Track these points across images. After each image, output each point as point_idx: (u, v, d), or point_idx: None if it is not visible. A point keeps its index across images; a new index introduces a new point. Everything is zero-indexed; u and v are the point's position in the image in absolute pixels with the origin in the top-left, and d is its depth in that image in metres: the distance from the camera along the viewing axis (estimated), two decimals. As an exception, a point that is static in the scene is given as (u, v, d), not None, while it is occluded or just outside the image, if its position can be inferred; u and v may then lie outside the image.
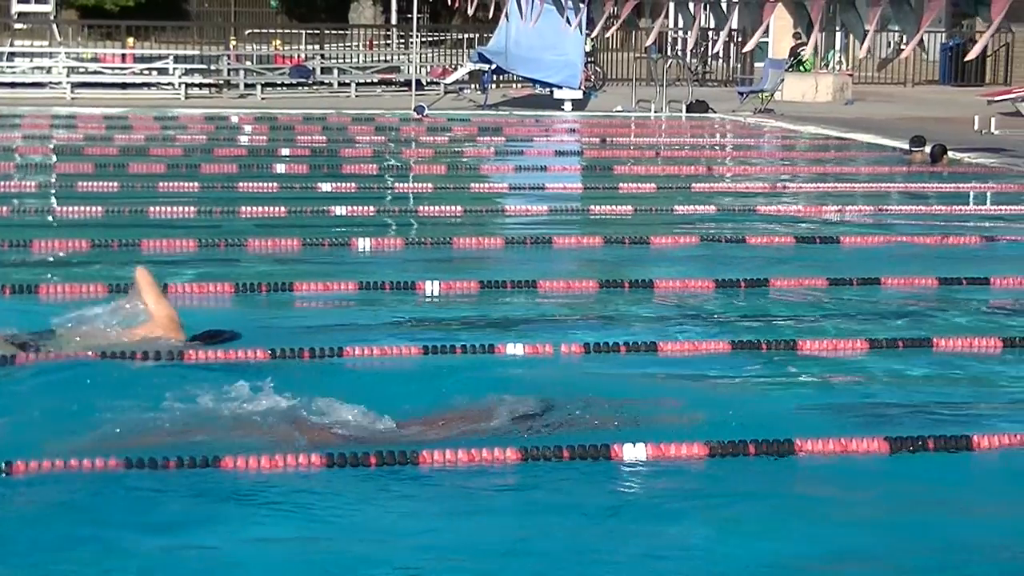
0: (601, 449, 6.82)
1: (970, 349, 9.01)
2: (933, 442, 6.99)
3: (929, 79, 41.23)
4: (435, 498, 6.50)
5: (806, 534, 6.21)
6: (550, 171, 19.45)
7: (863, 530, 6.26)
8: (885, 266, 11.89)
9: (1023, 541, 6.16)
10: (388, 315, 10.02)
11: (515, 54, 30.32)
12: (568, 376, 8.19)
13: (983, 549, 6.07)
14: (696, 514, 6.41)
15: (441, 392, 7.85)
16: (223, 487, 6.42)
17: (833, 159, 21.72)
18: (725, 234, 13.90)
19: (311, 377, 8.16)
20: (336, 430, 7.17)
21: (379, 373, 8.40)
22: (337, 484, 6.52)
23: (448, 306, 10.49)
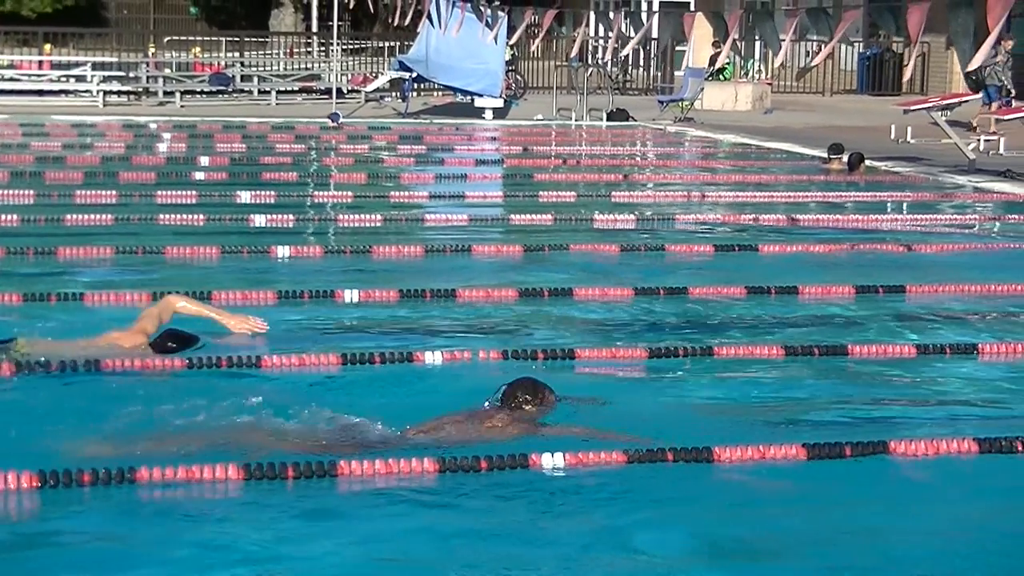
0: (519, 458, 6.81)
1: (886, 356, 9.09)
2: (850, 448, 7.04)
3: (847, 88, 41.59)
4: (353, 510, 6.48)
5: (725, 538, 6.25)
6: (470, 180, 19.44)
7: (781, 534, 6.31)
8: (803, 274, 11.97)
9: (939, 544, 6.22)
10: (307, 323, 9.97)
11: (436, 62, 30.27)
12: (487, 384, 8.17)
13: (900, 552, 6.13)
14: (616, 521, 6.43)
15: (360, 401, 7.82)
16: (144, 499, 6.39)
17: (752, 168, 21.84)
18: (645, 242, 13.95)
19: (228, 386, 8.11)
20: (262, 438, 7.14)
21: (298, 382, 8.37)
22: (254, 496, 6.49)
23: (367, 314, 10.46)
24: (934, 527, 6.42)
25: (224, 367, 8.44)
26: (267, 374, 8.46)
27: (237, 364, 8.47)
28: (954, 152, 21.65)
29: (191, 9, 60.79)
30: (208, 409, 7.44)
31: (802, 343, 9.39)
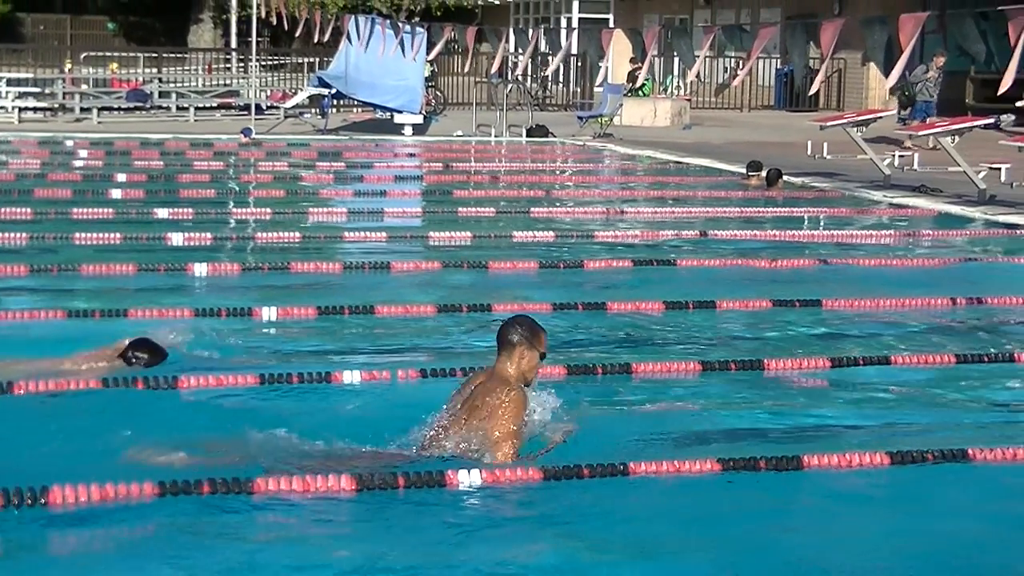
0: (436, 476, 6.81)
1: (801, 369, 9.16)
2: (765, 462, 7.08)
3: (764, 104, 41.90)
4: (268, 527, 6.45)
5: (639, 554, 6.27)
6: (390, 196, 19.42)
7: (697, 548, 6.34)
8: (721, 289, 12.04)
9: (852, 557, 6.27)
10: (224, 342, 9.91)
11: (355, 79, 30.22)
12: (405, 402, 8.16)
13: (814, 565, 6.17)
14: (532, 537, 6.45)
15: (278, 420, 7.79)
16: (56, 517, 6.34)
17: (671, 183, 21.95)
18: (563, 258, 13.98)
19: (147, 405, 8.07)
20: (174, 456, 7.10)
21: (215, 402, 8.31)
22: (170, 510, 6.45)
23: (285, 332, 10.41)
24: (847, 539, 6.47)
25: (140, 387, 8.37)
26: (185, 393, 8.40)
27: (153, 386, 8.40)
28: (870, 167, 21.88)
29: (108, 25, 60.43)
30: (121, 428, 7.40)
31: (719, 358, 9.45)
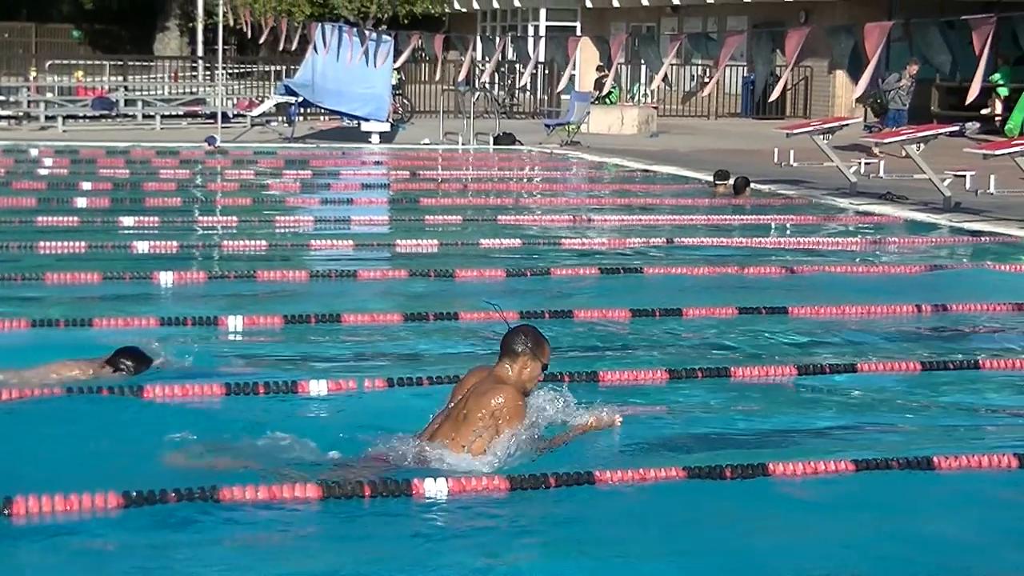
0: (402, 485, 6.79)
1: (767, 377, 9.17)
2: (731, 470, 7.09)
3: (731, 112, 42.00)
4: (235, 534, 6.43)
5: (606, 562, 6.26)
6: (356, 204, 19.40)
7: (663, 556, 6.34)
8: (688, 297, 12.05)
9: (818, 565, 6.28)
10: (191, 351, 9.86)
11: (322, 87, 30.17)
12: (371, 411, 8.15)
13: (779, 573, 6.18)
14: (497, 546, 6.43)
15: (245, 428, 7.77)
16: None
17: (638, 191, 21.98)
18: (530, 266, 13.97)
19: (110, 414, 8.03)
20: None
21: (181, 411, 8.28)
22: (137, 521, 6.42)
23: (252, 341, 10.37)
24: (813, 547, 6.48)
25: (105, 395, 8.34)
26: (151, 403, 8.36)
27: (119, 392, 8.37)
28: (836, 175, 21.94)
29: (74, 33, 60.16)
30: (89, 436, 7.37)
31: (686, 366, 9.45)
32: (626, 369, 9.37)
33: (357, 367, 9.50)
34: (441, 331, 10.89)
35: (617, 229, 17.39)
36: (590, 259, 14.68)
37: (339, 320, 10.86)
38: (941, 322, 11.66)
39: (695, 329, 11.16)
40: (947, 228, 17.68)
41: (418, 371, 9.18)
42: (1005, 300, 12.30)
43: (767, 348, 10.58)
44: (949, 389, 9.49)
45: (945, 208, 19.10)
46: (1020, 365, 10.01)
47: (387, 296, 12.40)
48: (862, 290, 13.05)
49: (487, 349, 10.28)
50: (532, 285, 13.10)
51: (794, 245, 16.43)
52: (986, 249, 16.15)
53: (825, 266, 14.48)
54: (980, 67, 17.22)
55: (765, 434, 7.88)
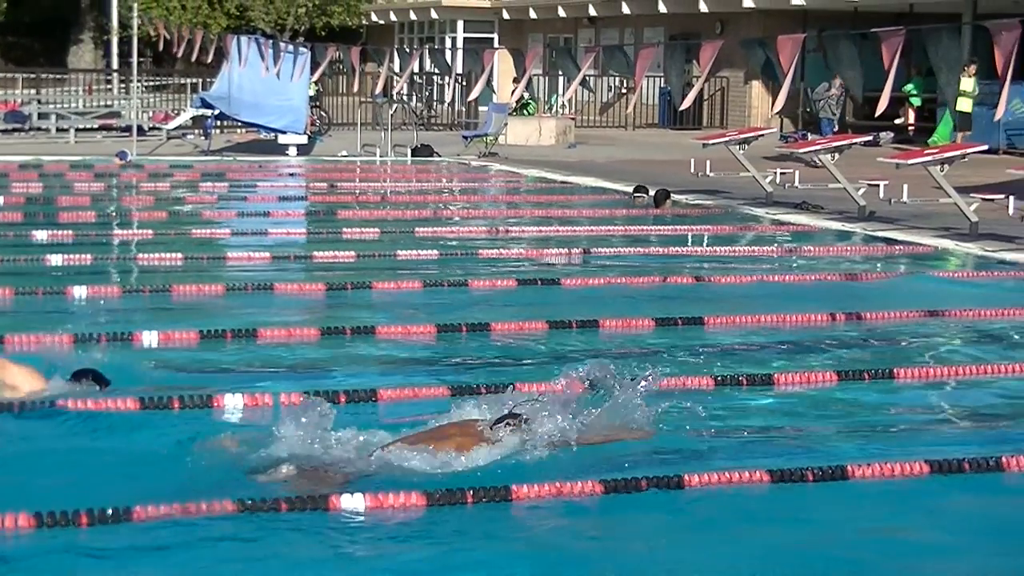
0: (319, 500, 6.75)
1: (683, 387, 9.19)
2: (647, 482, 7.09)
3: (649, 122, 42.22)
4: (151, 551, 6.37)
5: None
6: (273, 217, 19.30)
7: (581, 570, 6.33)
8: (605, 308, 12.07)
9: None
10: (104, 367, 9.75)
11: (238, 99, 30.03)
12: (288, 426, 8.07)
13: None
14: (415, 562, 6.40)
15: (161, 445, 7.71)
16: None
17: (556, 202, 22.02)
18: (448, 278, 13.94)
19: (22, 431, 7.94)
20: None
21: (94, 427, 8.19)
22: (42, 538, 6.34)
23: (167, 356, 10.28)
24: (729, 558, 6.50)
25: (15, 411, 8.24)
26: (63, 417, 8.27)
27: (28, 408, 8.28)
28: (752, 185, 22.09)
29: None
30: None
31: (602, 377, 9.45)
32: (543, 381, 9.36)
33: (273, 381, 9.42)
34: (358, 344, 10.83)
35: (535, 240, 17.40)
36: (508, 271, 14.67)
37: (255, 334, 10.78)
38: (855, 331, 11.75)
39: (612, 340, 11.17)
40: (861, 237, 17.84)
41: (335, 385, 9.11)
42: (919, 308, 12.42)
43: (683, 359, 10.61)
44: (864, 398, 9.55)
45: (860, 217, 19.28)
46: (933, 373, 10.08)
47: (304, 309, 12.33)
48: (778, 298, 13.12)
49: (404, 362, 10.28)
50: (449, 297, 13.08)
51: (711, 254, 16.51)
52: (900, 257, 16.31)
53: (742, 276, 14.55)
54: (889, 79, 17.43)
55: (681, 445, 7.89)
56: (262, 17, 50.16)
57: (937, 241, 17.09)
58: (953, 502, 7.32)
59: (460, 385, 9.14)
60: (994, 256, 16.05)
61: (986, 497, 7.42)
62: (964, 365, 10.48)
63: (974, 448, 8.13)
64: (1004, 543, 6.80)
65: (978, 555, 6.64)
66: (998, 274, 15.00)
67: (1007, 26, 16.03)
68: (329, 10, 50.97)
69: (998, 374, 10.18)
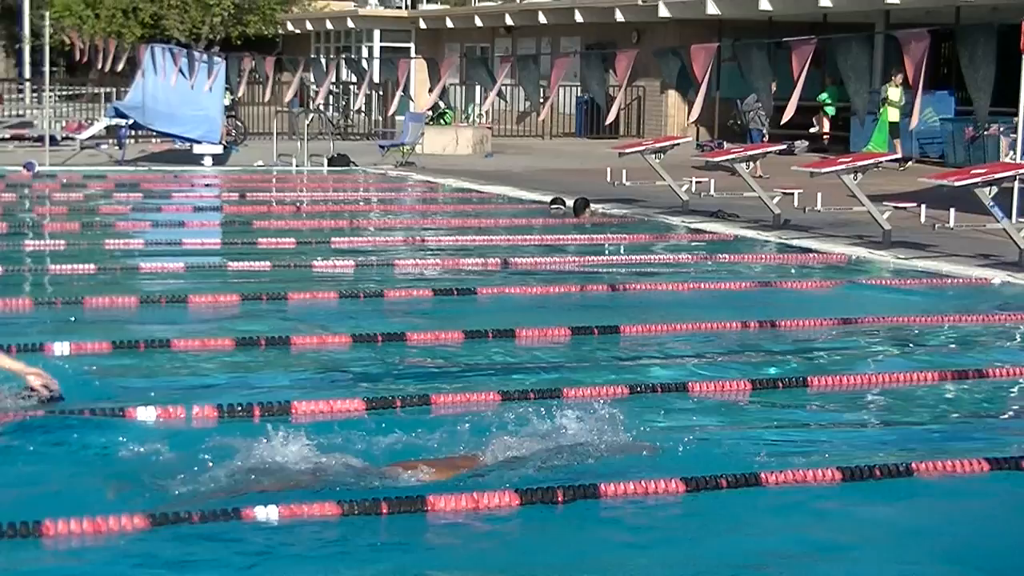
0: (232, 512, 6.70)
1: (599, 397, 9.20)
2: (563, 492, 7.09)
3: (566, 131, 42.32)
4: (58, 566, 6.31)
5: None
6: (188, 227, 19.15)
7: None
8: (521, 317, 12.07)
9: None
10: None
11: (152, 109, 29.80)
12: (201, 439, 8.02)
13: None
14: (330, 572, 6.37)
15: (73, 457, 7.63)
16: None
17: (473, 212, 22.02)
18: (364, 288, 13.90)
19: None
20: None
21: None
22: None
23: (78, 368, 10.16)
24: (644, 567, 6.52)
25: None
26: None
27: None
28: (668, 194, 22.19)
29: None
30: None
31: (518, 388, 9.46)
32: (459, 392, 9.36)
33: (186, 394, 9.34)
34: (273, 357, 10.78)
35: (451, 250, 17.39)
36: (424, 281, 14.65)
37: (169, 345, 10.70)
38: (769, 338, 11.82)
39: (527, 349, 11.18)
40: (776, 245, 17.96)
41: (248, 398, 9.05)
42: (832, 316, 12.52)
43: (599, 367, 10.64)
44: (777, 406, 9.61)
45: (775, 225, 19.42)
46: (846, 381, 10.16)
47: (219, 321, 12.24)
48: (693, 307, 13.20)
49: (318, 374, 10.23)
50: (365, 307, 13.05)
51: (627, 263, 16.58)
52: (813, 265, 16.43)
53: (658, 284, 14.63)
54: (798, 88, 17.59)
55: (597, 454, 7.88)
56: (177, 26, 49.91)
57: (851, 249, 17.24)
58: (864, 509, 7.36)
59: (375, 397, 9.11)
60: (907, 264, 16.22)
61: (897, 503, 7.48)
62: (877, 372, 10.58)
63: (886, 455, 8.20)
64: (915, 549, 6.86)
65: (889, 561, 6.69)
66: (911, 282, 15.14)
67: (916, 36, 16.20)
68: (245, 19, 50.81)
69: (910, 381, 10.27)
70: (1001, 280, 14.95)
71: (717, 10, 37.18)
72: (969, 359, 11.25)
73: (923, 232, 17.86)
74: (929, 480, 7.66)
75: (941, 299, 14.13)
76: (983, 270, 15.54)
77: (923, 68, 16.03)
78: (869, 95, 22.36)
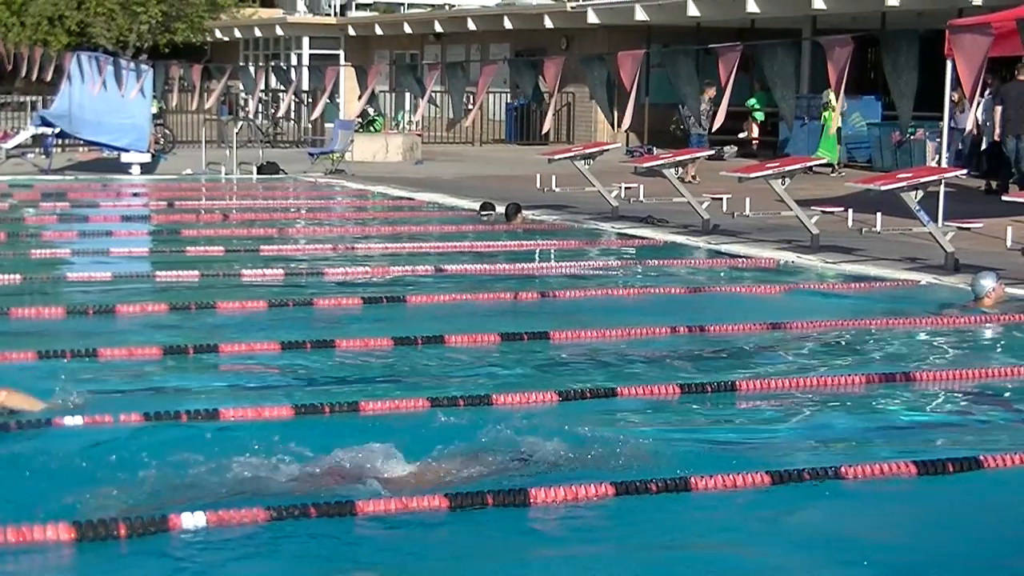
0: (159, 521, 6.66)
1: (528, 403, 9.21)
2: (492, 497, 7.09)
3: (496, 138, 42.35)
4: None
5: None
6: (116, 236, 19.01)
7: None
8: (451, 324, 12.06)
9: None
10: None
11: (79, 117, 29.56)
12: (128, 447, 7.98)
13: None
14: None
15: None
16: None
17: (403, 219, 21.99)
18: (293, 297, 13.84)
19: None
20: None
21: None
22: None
23: (3, 377, 10.06)
24: (575, 573, 6.53)
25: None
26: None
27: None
28: (598, 199, 22.23)
29: None
30: None
31: (447, 394, 9.45)
32: (388, 399, 9.34)
33: (113, 402, 9.27)
34: (202, 365, 10.72)
35: (382, 258, 17.36)
36: (353, 289, 14.61)
37: (96, 355, 10.62)
38: (698, 344, 11.87)
39: (458, 356, 11.17)
40: (705, 250, 18.04)
41: (176, 406, 8.99)
42: (760, 320, 12.59)
43: (529, 374, 10.64)
44: (706, 409, 9.65)
45: (704, 230, 19.50)
46: (775, 385, 10.21)
47: (147, 330, 12.15)
48: (623, 312, 13.23)
49: (246, 379, 10.19)
50: (295, 315, 13.00)
51: (556, 269, 16.60)
52: (742, 270, 16.51)
53: (588, 289, 14.65)
54: (726, 94, 17.69)
55: (527, 460, 7.89)
56: (104, 34, 49.57)
57: (779, 254, 17.34)
58: (793, 512, 7.40)
59: (303, 405, 9.08)
60: (834, 268, 16.33)
61: (826, 507, 7.52)
62: (805, 376, 10.63)
63: (814, 458, 8.25)
64: (843, 553, 6.89)
65: (818, 565, 6.72)
66: (838, 286, 15.24)
67: (840, 42, 16.32)
68: (172, 27, 50.52)
69: (838, 385, 10.33)
70: (927, 282, 15.10)
71: (646, 16, 37.32)
72: (896, 362, 11.34)
73: (851, 236, 18.00)
74: (857, 483, 7.71)
75: (869, 302, 14.24)
76: (910, 273, 15.67)
77: (846, 74, 16.16)
78: (797, 100, 22.54)
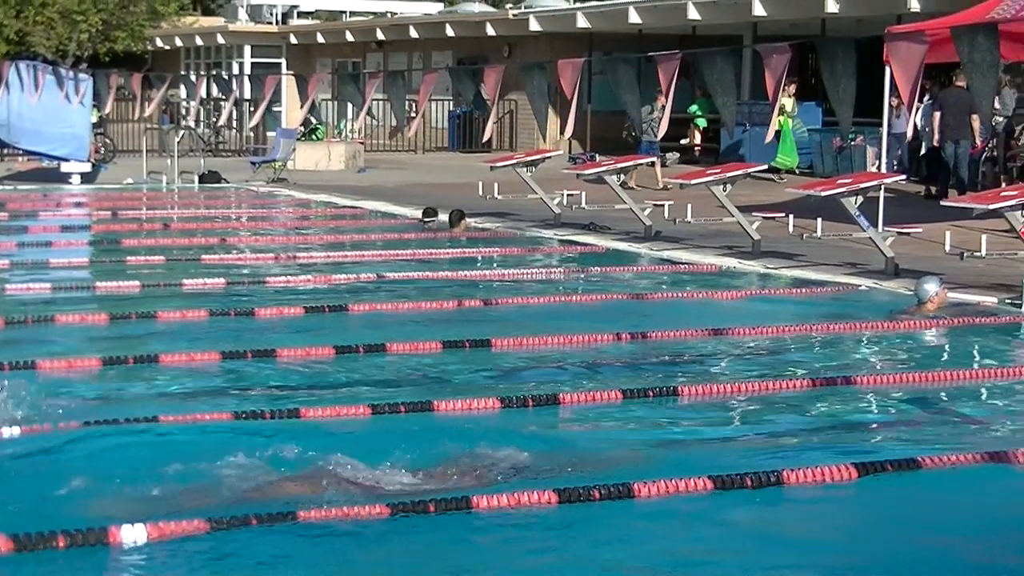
0: (98, 533, 6.60)
1: (470, 411, 9.21)
2: (434, 505, 7.08)
3: (439, 146, 42.34)
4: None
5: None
6: (56, 246, 18.88)
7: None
8: (392, 332, 12.05)
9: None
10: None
11: (18, 127, 29.34)
12: (66, 456, 7.92)
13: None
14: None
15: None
16: None
17: (346, 227, 21.96)
18: (235, 306, 13.78)
19: None
20: None
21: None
22: None
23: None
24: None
25: None
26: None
27: None
28: (541, 207, 22.26)
29: None
30: None
31: (389, 401, 9.43)
32: (329, 406, 9.31)
33: (53, 412, 9.20)
34: (141, 374, 10.66)
35: (323, 266, 17.31)
36: (295, 297, 14.58)
37: (34, 366, 10.55)
38: (641, 349, 11.89)
39: (399, 364, 11.16)
40: (647, 257, 18.08)
41: (115, 413, 8.94)
42: (702, 326, 12.62)
43: (470, 381, 10.64)
44: (648, 415, 9.67)
45: (646, 237, 19.56)
46: (717, 390, 10.24)
47: (87, 340, 12.07)
48: (565, 319, 13.25)
49: (186, 388, 10.14)
50: (236, 324, 12.94)
51: (499, 277, 16.61)
52: (684, 276, 16.56)
53: (530, 296, 14.66)
54: (668, 101, 17.78)
55: (469, 467, 7.89)
56: (43, 43, 49.23)
57: (721, 259, 17.41)
58: (736, 518, 7.42)
59: (244, 411, 9.04)
60: (775, 273, 16.41)
61: (768, 510, 7.54)
62: (746, 382, 10.65)
63: (757, 463, 8.27)
64: (784, 558, 6.91)
65: (758, 571, 6.74)
66: (779, 291, 15.31)
67: (778, 50, 16.43)
68: (113, 35, 50.21)
69: (779, 389, 10.37)
70: (868, 287, 15.19)
71: (588, 24, 37.39)
72: (836, 366, 11.40)
73: (791, 242, 18.09)
74: (798, 488, 7.73)
75: (809, 307, 14.32)
76: (851, 278, 15.76)
77: (783, 82, 16.25)
78: (738, 107, 22.63)
